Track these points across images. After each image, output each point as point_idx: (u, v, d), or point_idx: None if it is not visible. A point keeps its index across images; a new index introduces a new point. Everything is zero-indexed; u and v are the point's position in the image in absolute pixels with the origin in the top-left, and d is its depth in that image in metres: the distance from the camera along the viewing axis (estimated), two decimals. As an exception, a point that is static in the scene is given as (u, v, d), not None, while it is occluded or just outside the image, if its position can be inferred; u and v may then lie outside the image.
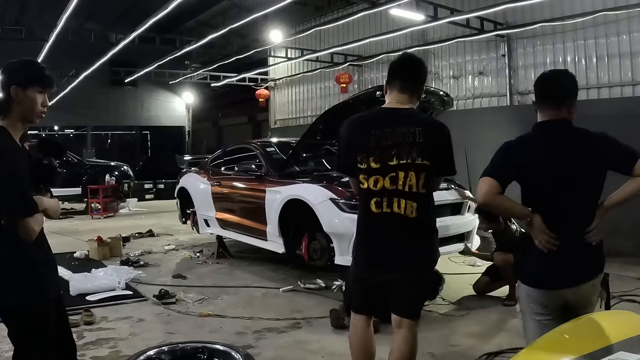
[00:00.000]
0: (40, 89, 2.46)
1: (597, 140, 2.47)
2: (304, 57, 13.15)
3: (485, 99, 10.13)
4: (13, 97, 2.40)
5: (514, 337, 4.18)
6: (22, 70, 2.46)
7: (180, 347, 3.75)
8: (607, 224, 2.47)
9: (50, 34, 10.49)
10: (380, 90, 5.80)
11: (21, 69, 2.47)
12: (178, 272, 6.65)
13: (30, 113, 2.45)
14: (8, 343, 4.03)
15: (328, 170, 6.96)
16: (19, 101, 2.41)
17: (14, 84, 2.40)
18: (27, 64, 2.52)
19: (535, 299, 2.40)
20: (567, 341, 1.77)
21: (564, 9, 8.53)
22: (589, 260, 2.41)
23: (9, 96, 2.40)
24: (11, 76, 2.43)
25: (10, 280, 2.38)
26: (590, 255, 2.41)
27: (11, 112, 2.42)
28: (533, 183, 2.44)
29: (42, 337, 2.48)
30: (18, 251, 2.37)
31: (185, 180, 8.41)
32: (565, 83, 2.53)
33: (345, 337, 4.33)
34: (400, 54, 3.00)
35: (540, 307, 2.39)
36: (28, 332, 2.44)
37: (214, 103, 22.78)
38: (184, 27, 16.53)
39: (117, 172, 14.05)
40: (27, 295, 2.41)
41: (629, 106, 7.75)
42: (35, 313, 2.44)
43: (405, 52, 3.23)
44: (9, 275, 2.38)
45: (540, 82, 2.58)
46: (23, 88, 2.41)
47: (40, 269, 2.45)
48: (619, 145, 2.49)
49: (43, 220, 2.44)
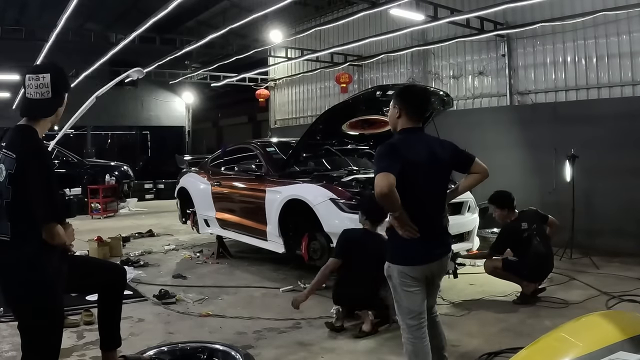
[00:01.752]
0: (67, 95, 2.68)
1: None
2: (304, 57, 13.14)
3: (485, 99, 10.13)
4: (63, 102, 2.62)
5: (514, 337, 4.18)
6: (67, 78, 2.70)
7: (180, 347, 3.76)
8: (607, 224, 2.49)
9: (50, 34, 10.47)
10: (381, 90, 5.85)
11: (67, 76, 2.71)
12: (178, 272, 6.65)
13: (59, 117, 2.67)
14: (8, 343, 4.03)
15: (328, 170, 6.97)
16: (63, 106, 2.64)
17: (68, 90, 2.63)
18: (66, 73, 2.72)
19: (410, 274, 2.93)
20: (567, 341, 1.77)
21: (564, 9, 8.52)
22: (446, 241, 3.09)
23: (62, 101, 2.59)
24: (67, 83, 2.65)
25: (25, 279, 2.43)
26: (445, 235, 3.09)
27: (52, 115, 2.60)
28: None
29: (54, 335, 2.53)
30: (41, 253, 2.43)
31: (185, 180, 8.41)
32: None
33: (344, 337, 4.34)
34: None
35: (411, 280, 2.93)
36: (39, 329, 2.49)
37: (214, 103, 22.77)
38: (184, 27, 16.50)
39: (117, 172, 14.05)
40: (39, 294, 2.45)
41: (629, 106, 7.75)
42: (53, 312, 2.49)
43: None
44: (23, 274, 2.43)
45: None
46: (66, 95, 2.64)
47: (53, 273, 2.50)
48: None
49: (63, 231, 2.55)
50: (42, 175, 2.41)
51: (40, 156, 2.45)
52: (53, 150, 12.96)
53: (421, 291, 2.96)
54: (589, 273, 6.32)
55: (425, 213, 2.92)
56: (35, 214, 2.38)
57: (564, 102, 8.80)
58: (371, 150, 7.34)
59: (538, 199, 8.17)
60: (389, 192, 2.72)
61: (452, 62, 10.74)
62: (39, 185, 2.38)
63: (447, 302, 5.24)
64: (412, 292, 2.94)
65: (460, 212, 5.88)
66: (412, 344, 2.94)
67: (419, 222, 2.87)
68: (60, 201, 3.12)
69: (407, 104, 3.01)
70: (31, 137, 2.48)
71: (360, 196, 5.30)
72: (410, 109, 3.00)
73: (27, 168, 2.37)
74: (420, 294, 2.95)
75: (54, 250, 2.48)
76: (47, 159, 2.53)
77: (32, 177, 2.37)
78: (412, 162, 2.87)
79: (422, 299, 2.96)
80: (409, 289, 2.94)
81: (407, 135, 2.99)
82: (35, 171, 2.39)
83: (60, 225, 2.47)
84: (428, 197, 2.94)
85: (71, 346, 4.11)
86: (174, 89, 21.04)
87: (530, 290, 5.19)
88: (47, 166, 2.49)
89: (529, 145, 8.61)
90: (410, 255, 2.93)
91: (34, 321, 2.48)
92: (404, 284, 2.93)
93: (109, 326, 3.03)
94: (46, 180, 2.42)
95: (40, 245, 2.41)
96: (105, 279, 2.97)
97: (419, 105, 3.09)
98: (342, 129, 6.46)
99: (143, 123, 23.28)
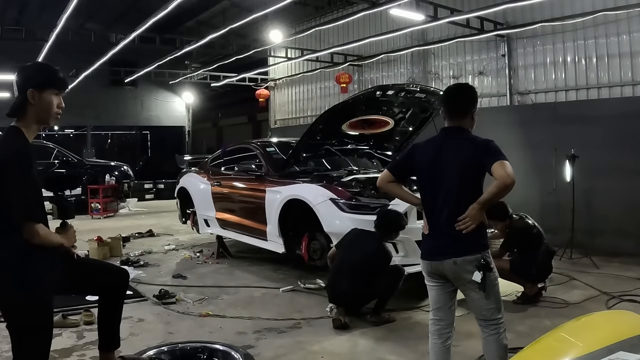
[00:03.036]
0: (55, 92, 2.56)
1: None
2: (304, 57, 13.14)
3: (485, 99, 10.12)
4: (29, 100, 2.49)
5: (514, 337, 4.18)
6: (38, 73, 2.56)
7: (180, 347, 3.76)
8: (607, 224, 2.49)
9: (50, 34, 10.48)
10: (380, 90, 5.85)
11: (37, 72, 2.57)
12: (178, 272, 6.65)
13: (46, 115, 2.55)
14: (8, 343, 4.03)
15: (328, 170, 6.97)
16: (34, 103, 2.50)
17: (31, 87, 2.49)
18: (42, 68, 2.63)
19: (421, 267, 3.05)
20: (567, 341, 1.77)
21: (564, 9, 8.52)
22: (453, 242, 2.86)
23: (24, 99, 2.49)
24: (28, 79, 2.52)
25: (14, 279, 2.42)
26: (454, 238, 2.85)
27: (27, 114, 2.51)
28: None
29: (41, 336, 2.51)
30: (24, 252, 2.42)
31: (185, 180, 8.41)
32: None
33: (344, 337, 4.34)
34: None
35: (424, 274, 3.04)
36: (27, 329, 2.48)
37: (214, 103, 22.77)
38: (184, 27, 16.52)
39: (117, 172, 14.04)
40: (29, 294, 2.44)
41: (629, 106, 7.75)
42: (36, 312, 2.47)
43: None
44: (12, 273, 2.42)
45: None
46: (39, 91, 2.50)
47: (44, 272, 2.49)
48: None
49: (47, 230, 2.53)
50: (18, 175, 2.40)
51: (18, 156, 2.43)
52: (53, 150, 12.98)
53: (437, 288, 3.00)
54: (589, 273, 6.32)
55: (431, 211, 2.96)
56: (11, 213, 2.38)
57: (564, 102, 8.80)
58: (371, 150, 7.35)
59: (538, 199, 8.18)
60: (380, 186, 3.16)
61: (452, 62, 10.74)
62: (16, 185, 2.38)
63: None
64: (428, 285, 3.05)
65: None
66: (429, 337, 3.06)
67: (428, 219, 2.99)
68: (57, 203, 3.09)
69: (441, 104, 3.11)
70: (12, 137, 2.46)
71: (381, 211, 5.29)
72: (443, 109, 3.06)
73: (5, 168, 2.37)
74: (434, 290, 3.01)
75: (42, 250, 2.46)
76: (26, 158, 2.49)
77: (10, 177, 2.37)
78: (422, 161, 2.98)
79: (437, 295, 3.01)
80: (426, 282, 3.06)
81: (438, 134, 3.08)
82: (12, 171, 2.38)
83: (40, 224, 2.44)
84: (434, 195, 2.94)
85: (71, 346, 4.12)
86: (174, 89, 21.05)
87: (534, 292, 5.18)
88: (26, 166, 2.46)
89: (529, 145, 8.61)
90: (421, 248, 3.12)
91: (18, 322, 2.47)
92: (424, 276, 3.06)
93: (108, 328, 3.02)
94: (24, 180, 2.41)
95: (22, 247, 2.40)
96: (107, 282, 2.96)
97: (445, 104, 3.06)
98: (342, 129, 6.46)
99: (143, 123, 23.29)
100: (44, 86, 2.51)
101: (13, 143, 2.45)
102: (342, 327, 4.47)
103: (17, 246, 2.40)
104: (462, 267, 2.83)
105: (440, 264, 2.91)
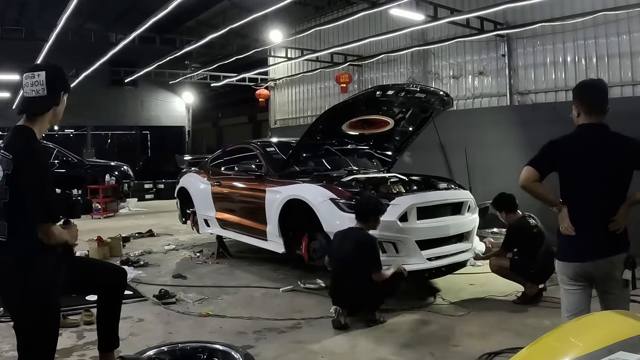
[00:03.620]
0: (67, 96, 2.70)
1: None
2: (304, 57, 13.14)
3: (485, 99, 10.13)
4: (60, 103, 2.62)
5: (514, 337, 4.18)
6: (66, 78, 2.71)
7: (180, 347, 3.76)
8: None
9: (50, 34, 10.47)
10: (381, 90, 5.85)
11: (66, 76, 2.70)
12: (178, 272, 6.65)
13: (59, 117, 2.68)
14: (8, 343, 4.02)
15: (328, 170, 6.97)
16: (59, 106, 2.63)
17: (66, 90, 2.64)
18: (64, 72, 2.71)
19: (562, 271, 2.92)
20: (567, 341, 1.77)
21: (564, 9, 8.52)
22: (608, 242, 2.79)
23: (55, 100, 2.59)
24: (63, 82, 2.65)
25: (25, 279, 2.43)
26: (609, 238, 2.80)
27: (45, 115, 2.59)
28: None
29: (48, 336, 2.53)
30: (35, 253, 2.44)
31: (185, 180, 8.41)
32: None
33: (344, 337, 4.34)
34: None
35: (566, 278, 2.90)
36: (36, 330, 2.49)
37: (214, 103, 22.77)
38: (184, 27, 16.51)
39: (117, 172, 14.04)
40: (39, 295, 2.45)
41: (629, 106, 7.74)
42: (45, 313, 2.49)
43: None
44: (19, 275, 2.43)
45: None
46: (64, 95, 2.64)
47: (52, 273, 2.50)
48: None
49: (61, 229, 2.58)
50: (35, 175, 2.41)
51: (34, 156, 2.45)
52: (53, 150, 12.98)
53: (579, 291, 2.88)
54: (589, 273, 6.31)
55: (583, 210, 2.86)
56: (29, 214, 2.39)
57: (564, 102, 8.79)
58: (371, 150, 7.34)
59: (538, 199, 8.17)
60: (524, 185, 2.91)
61: (452, 62, 10.74)
62: (33, 185, 2.39)
63: (447, 302, 5.24)
64: (567, 290, 2.92)
65: (460, 212, 5.86)
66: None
67: (575, 219, 2.86)
68: (63, 201, 3.13)
69: (579, 99, 2.93)
70: (26, 137, 2.49)
71: (359, 195, 5.32)
72: (583, 104, 2.91)
73: (21, 168, 2.38)
74: (577, 294, 2.88)
75: (51, 250, 2.48)
76: (41, 159, 2.52)
77: (26, 177, 2.39)
78: (571, 159, 2.87)
79: (579, 299, 2.88)
80: (565, 286, 2.93)
81: (577, 131, 2.93)
82: (29, 171, 2.40)
83: (56, 225, 2.47)
84: (587, 194, 2.86)
85: (71, 346, 4.11)
86: (174, 89, 21.06)
87: (534, 292, 5.17)
88: (41, 166, 2.50)
89: (529, 145, 8.56)
90: (563, 251, 2.96)
91: (28, 322, 2.48)
92: (562, 281, 2.94)
93: (107, 327, 3.03)
94: (40, 180, 2.43)
95: (36, 246, 2.42)
96: (105, 281, 2.97)
97: (589, 99, 2.92)
98: (342, 129, 6.46)
99: (143, 123, 23.29)
100: (67, 91, 2.66)
101: (29, 143, 2.49)
102: (341, 327, 4.46)
103: (30, 247, 2.42)
104: (617, 265, 2.79)
105: (593, 264, 2.81)
